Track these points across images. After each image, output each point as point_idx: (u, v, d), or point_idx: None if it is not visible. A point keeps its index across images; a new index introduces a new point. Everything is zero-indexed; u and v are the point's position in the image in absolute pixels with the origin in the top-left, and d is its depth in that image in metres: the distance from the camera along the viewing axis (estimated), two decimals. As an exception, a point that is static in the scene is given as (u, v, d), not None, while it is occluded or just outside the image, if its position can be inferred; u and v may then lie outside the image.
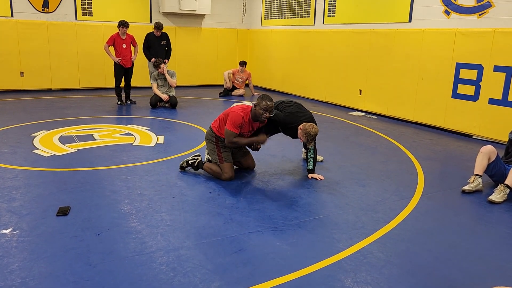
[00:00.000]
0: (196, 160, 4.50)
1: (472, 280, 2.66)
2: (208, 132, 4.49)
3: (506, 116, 5.99)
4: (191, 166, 4.51)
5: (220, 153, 4.33)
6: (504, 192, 3.99)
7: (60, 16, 10.06)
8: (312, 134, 4.28)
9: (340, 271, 2.71)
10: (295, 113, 4.53)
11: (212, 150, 4.39)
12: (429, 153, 5.66)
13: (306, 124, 4.32)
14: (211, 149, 4.41)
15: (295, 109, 4.58)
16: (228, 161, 4.33)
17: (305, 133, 4.28)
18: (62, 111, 7.66)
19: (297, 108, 4.62)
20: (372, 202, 3.90)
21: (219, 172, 4.32)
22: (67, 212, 3.38)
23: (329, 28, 9.34)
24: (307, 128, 4.28)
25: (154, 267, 2.65)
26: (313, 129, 4.29)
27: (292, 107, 4.61)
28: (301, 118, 4.47)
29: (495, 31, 6.06)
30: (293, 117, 4.48)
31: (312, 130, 4.27)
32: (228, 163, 4.32)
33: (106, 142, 5.60)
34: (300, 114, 4.53)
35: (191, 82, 11.88)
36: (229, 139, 4.15)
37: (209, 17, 11.82)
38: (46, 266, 2.61)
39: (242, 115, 4.15)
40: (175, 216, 3.41)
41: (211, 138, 4.41)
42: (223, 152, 4.34)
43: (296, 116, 4.49)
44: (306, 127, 4.29)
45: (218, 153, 4.34)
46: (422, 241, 3.17)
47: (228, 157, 4.35)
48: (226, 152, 4.37)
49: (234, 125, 4.12)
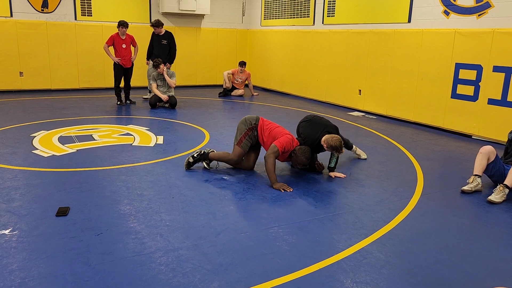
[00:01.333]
0: (199, 153, 4.62)
1: (471, 281, 2.66)
2: (250, 117, 4.67)
3: (506, 116, 6.00)
4: (198, 160, 4.61)
5: (244, 138, 4.54)
6: (504, 193, 4.00)
7: (60, 16, 10.05)
8: (338, 145, 4.30)
9: (340, 271, 2.72)
10: (309, 135, 4.57)
11: (241, 131, 4.58)
12: (428, 153, 5.66)
13: (328, 140, 4.35)
14: (240, 129, 4.60)
15: (309, 131, 4.61)
16: (243, 148, 4.53)
17: (332, 148, 4.33)
18: (61, 111, 7.66)
19: (312, 128, 4.63)
20: (372, 202, 3.90)
21: (226, 156, 4.58)
22: (66, 213, 3.38)
23: (329, 28, 9.34)
24: (330, 142, 4.32)
25: (153, 268, 2.65)
26: (336, 141, 4.31)
27: (306, 128, 4.65)
28: (318, 136, 4.50)
29: (494, 31, 6.07)
30: (310, 139, 4.54)
31: (336, 142, 4.30)
32: (241, 150, 4.52)
33: (105, 142, 5.60)
34: (314, 133, 4.55)
35: (190, 82, 11.88)
36: (270, 153, 4.24)
37: (208, 17, 11.82)
38: (45, 266, 2.61)
39: (291, 144, 4.36)
40: (175, 217, 3.41)
41: (247, 124, 4.59)
42: (246, 139, 4.54)
43: (311, 137, 4.54)
44: (328, 142, 4.34)
45: (242, 137, 4.55)
46: (422, 241, 3.17)
47: (245, 146, 4.54)
48: (248, 142, 4.54)
49: (282, 147, 4.28)
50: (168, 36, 9.00)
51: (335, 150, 4.34)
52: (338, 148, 4.32)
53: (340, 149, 4.34)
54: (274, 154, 4.23)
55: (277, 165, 4.97)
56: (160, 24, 8.88)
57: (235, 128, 6.19)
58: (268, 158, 4.22)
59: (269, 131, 4.52)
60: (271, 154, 4.23)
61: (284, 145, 4.29)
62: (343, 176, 4.59)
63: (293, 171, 4.76)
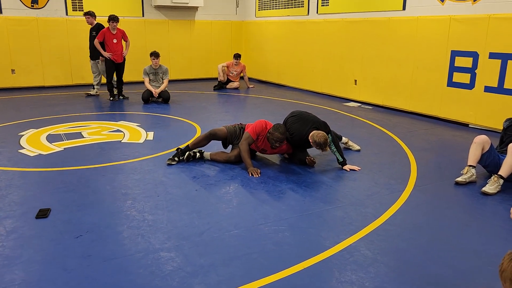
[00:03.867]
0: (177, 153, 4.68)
1: (461, 278, 2.56)
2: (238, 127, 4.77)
3: (503, 104, 5.87)
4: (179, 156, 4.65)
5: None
6: (498, 183, 3.89)
7: (50, 11, 9.91)
8: (322, 142, 4.23)
9: (325, 270, 2.62)
10: (297, 129, 4.49)
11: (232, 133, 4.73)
12: (423, 144, 5.55)
13: (313, 135, 4.29)
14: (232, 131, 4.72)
15: (297, 126, 4.52)
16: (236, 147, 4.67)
17: (316, 144, 4.26)
18: (53, 109, 7.56)
19: (299, 123, 4.54)
20: (362, 196, 3.80)
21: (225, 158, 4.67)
22: (47, 214, 3.29)
23: (323, 18, 9.18)
24: (315, 139, 4.26)
25: (131, 271, 2.57)
26: (321, 138, 4.24)
27: (294, 124, 4.55)
28: (306, 130, 4.42)
29: (490, 17, 5.91)
30: (298, 134, 4.47)
31: (320, 139, 4.23)
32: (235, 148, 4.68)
33: (94, 140, 5.51)
34: (302, 128, 4.47)
35: (184, 76, 11.74)
36: (243, 141, 4.46)
37: (202, 10, 11.65)
38: (19, 272, 2.53)
39: (264, 127, 4.48)
40: (158, 216, 3.32)
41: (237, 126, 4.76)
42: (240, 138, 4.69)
43: (299, 132, 4.47)
44: (314, 138, 4.27)
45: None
46: (411, 236, 3.07)
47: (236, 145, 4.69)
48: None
49: (254, 131, 4.45)
50: (97, 29, 8.61)
51: (318, 146, 4.24)
52: (322, 145, 4.22)
53: (324, 146, 4.24)
54: (246, 141, 4.44)
55: (263, 165, 4.89)
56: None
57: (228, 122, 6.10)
58: (241, 145, 4.44)
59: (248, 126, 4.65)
60: (243, 141, 4.44)
61: (255, 130, 4.44)
62: (358, 168, 4.49)
63: (284, 165, 4.66)
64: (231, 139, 4.69)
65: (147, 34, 10.95)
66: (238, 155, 4.55)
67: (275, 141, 4.35)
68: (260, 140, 4.53)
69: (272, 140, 4.37)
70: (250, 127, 4.53)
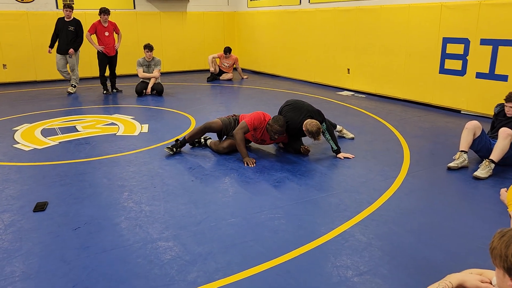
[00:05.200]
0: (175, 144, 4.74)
1: (452, 260, 2.62)
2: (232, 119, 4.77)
3: (494, 90, 5.92)
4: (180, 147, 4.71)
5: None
6: (489, 168, 3.95)
7: (41, 5, 9.82)
8: (314, 131, 4.28)
9: (321, 256, 2.68)
10: (291, 118, 4.52)
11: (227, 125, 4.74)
12: (416, 131, 5.60)
13: (307, 124, 4.34)
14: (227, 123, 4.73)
15: (292, 114, 4.55)
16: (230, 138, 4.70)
17: (308, 133, 4.31)
18: (46, 103, 7.54)
19: (294, 111, 4.58)
20: (356, 183, 3.85)
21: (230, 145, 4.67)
22: (44, 208, 3.31)
23: (315, 7, 9.17)
24: (308, 127, 4.31)
25: (130, 261, 2.60)
26: (313, 126, 4.29)
27: (289, 113, 4.59)
28: (301, 119, 4.47)
29: (480, 3, 5.94)
30: (293, 123, 4.50)
31: (313, 128, 4.28)
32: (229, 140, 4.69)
33: (89, 133, 5.51)
34: (297, 116, 4.51)
35: (177, 68, 11.70)
36: (239, 130, 4.41)
37: (194, 1, 11.58)
38: (19, 264, 2.56)
39: (263, 119, 4.47)
40: (155, 207, 3.35)
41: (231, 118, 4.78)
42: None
43: (294, 120, 4.50)
44: (307, 127, 4.33)
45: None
46: (405, 221, 3.13)
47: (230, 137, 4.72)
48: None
49: (251, 122, 4.42)
50: (77, 24, 8.30)
51: (310, 135, 4.29)
52: (314, 134, 4.27)
53: (316, 135, 4.28)
54: (242, 130, 4.40)
55: (258, 153, 4.92)
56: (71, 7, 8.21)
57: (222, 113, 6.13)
58: (235, 134, 4.41)
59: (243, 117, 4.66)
60: (239, 129, 4.41)
61: (253, 122, 4.42)
62: (352, 156, 4.54)
63: (279, 154, 4.70)
64: (226, 131, 4.72)
65: (139, 27, 10.88)
66: (229, 146, 4.61)
67: (274, 133, 4.40)
68: (259, 132, 4.54)
69: (271, 132, 4.41)
70: (247, 117, 4.51)
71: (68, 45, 8.25)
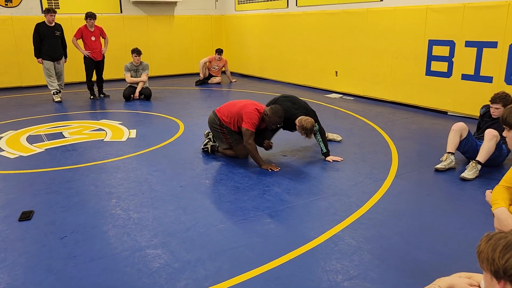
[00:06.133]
0: (207, 148, 4.82)
1: (442, 262, 2.64)
2: (211, 119, 4.65)
3: (479, 91, 6.00)
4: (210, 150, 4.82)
5: (227, 139, 4.58)
6: (476, 169, 3.99)
7: (25, 10, 9.70)
8: (309, 128, 4.33)
9: (311, 260, 2.67)
10: (289, 109, 4.57)
11: (219, 137, 4.65)
12: (404, 133, 5.65)
13: (302, 119, 4.38)
14: (217, 136, 4.67)
15: (289, 104, 4.63)
16: (239, 143, 4.54)
17: (302, 128, 4.35)
18: (32, 109, 7.44)
19: (291, 103, 4.68)
20: (345, 186, 3.86)
21: (234, 154, 4.66)
22: (30, 217, 3.26)
23: (303, 10, 9.21)
24: (303, 123, 4.34)
25: (118, 270, 2.57)
26: (308, 123, 4.33)
27: (285, 103, 4.65)
28: (296, 112, 4.54)
29: (465, 6, 6.02)
30: (288, 113, 4.53)
31: (307, 124, 4.32)
32: (239, 145, 4.54)
33: (75, 140, 5.45)
34: (293, 108, 4.59)
35: (166, 72, 11.65)
36: (247, 140, 4.30)
37: (181, 4, 11.55)
38: (4, 276, 2.51)
39: (257, 115, 4.35)
40: (144, 214, 3.32)
41: (214, 126, 4.61)
42: (230, 137, 4.56)
43: (290, 111, 4.55)
44: (301, 122, 4.36)
45: (225, 140, 4.60)
46: (394, 224, 3.14)
47: (236, 140, 4.56)
48: (232, 135, 4.56)
49: (253, 125, 4.30)
50: (60, 28, 8.07)
51: (304, 131, 4.33)
52: (308, 130, 4.32)
53: (309, 133, 4.35)
54: (251, 139, 4.29)
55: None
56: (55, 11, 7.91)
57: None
58: (247, 145, 4.31)
59: (232, 117, 4.46)
60: (248, 140, 4.29)
61: (253, 122, 4.31)
62: (340, 159, 4.56)
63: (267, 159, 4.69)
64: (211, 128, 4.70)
65: (126, 31, 10.81)
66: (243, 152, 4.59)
67: (272, 124, 4.37)
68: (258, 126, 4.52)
69: (270, 123, 4.36)
70: (245, 122, 4.30)
71: (59, 50, 8.09)
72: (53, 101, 8.12)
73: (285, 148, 5.07)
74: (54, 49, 8.00)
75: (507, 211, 2.09)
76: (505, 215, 2.07)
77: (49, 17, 7.86)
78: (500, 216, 2.09)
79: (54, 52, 8.02)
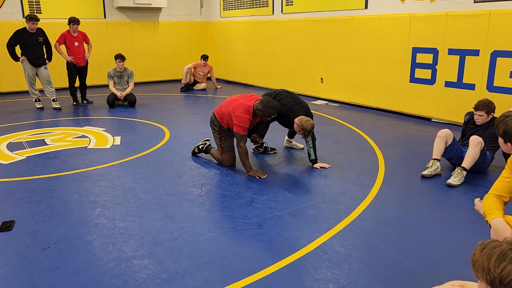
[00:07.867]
0: (205, 145, 4.83)
1: (431, 269, 2.64)
2: (212, 118, 4.64)
3: (462, 98, 6.10)
4: (201, 151, 4.83)
5: (222, 143, 4.56)
6: (462, 175, 4.03)
7: (6, 14, 9.51)
8: (308, 129, 4.33)
9: (300, 269, 2.64)
10: (292, 106, 4.60)
11: (216, 138, 4.62)
12: (389, 139, 5.69)
13: (303, 119, 4.36)
14: (214, 136, 4.64)
15: (292, 101, 4.65)
16: (229, 151, 4.55)
17: (302, 129, 4.34)
18: (12, 116, 7.27)
19: (293, 100, 4.70)
20: (334, 193, 3.85)
21: (221, 159, 4.62)
22: (11, 227, 3.15)
23: (288, 17, 9.25)
24: (303, 123, 4.33)
25: (104, 282, 2.50)
26: (309, 125, 4.34)
27: (288, 99, 4.68)
28: (298, 111, 4.56)
29: (447, 15, 6.12)
30: (289, 110, 4.56)
31: (308, 126, 4.32)
32: (229, 153, 4.55)
33: (58, 147, 5.33)
34: (296, 107, 4.61)
35: (150, 78, 11.54)
36: (238, 143, 4.31)
37: (166, 10, 11.48)
38: (-17, 290, 2.41)
39: (248, 117, 4.26)
40: (129, 223, 3.25)
41: (214, 127, 4.60)
42: (224, 142, 4.55)
43: (293, 108, 4.58)
44: (302, 122, 4.34)
45: (220, 143, 4.58)
46: (382, 231, 3.14)
47: (229, 147, 4.55)
48: (228, 141, 4.55)
49: (243, 128, 4.26)
50: (43, 32, 7.86)
51: (303, 131, 4.32)
52: (307, 132, 4.33)
53: (307, 135, 4.36)
54: (242, 141, 4.27)
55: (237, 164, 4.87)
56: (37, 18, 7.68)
57: (196, 124, 6.07)
58: (238, 148, 4.30)
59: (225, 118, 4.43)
60: (239, 143, 4.28)
61: (243, 126, 4.23)
62: (328, 166, 4.56)
63: (255, 167, 4.65)
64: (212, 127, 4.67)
65: (110, 36, 10.69)
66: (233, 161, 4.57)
67: (267, 116, 4.30)
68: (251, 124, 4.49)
69: (264, 117, 4.29)
70: (236, 125, 4.25)
71: (43, 56, 7.87)
72: (35, 108, 7.94)
73: (271, 156, 5.05)
74: (37, 56, 7.82)
75: (503, 222, 2.09)
76: (502, 225, 2.07)
77: (31, 25, 7.63)
78: (497, 226, 2.08)
79: (36, 58, 7.82)
